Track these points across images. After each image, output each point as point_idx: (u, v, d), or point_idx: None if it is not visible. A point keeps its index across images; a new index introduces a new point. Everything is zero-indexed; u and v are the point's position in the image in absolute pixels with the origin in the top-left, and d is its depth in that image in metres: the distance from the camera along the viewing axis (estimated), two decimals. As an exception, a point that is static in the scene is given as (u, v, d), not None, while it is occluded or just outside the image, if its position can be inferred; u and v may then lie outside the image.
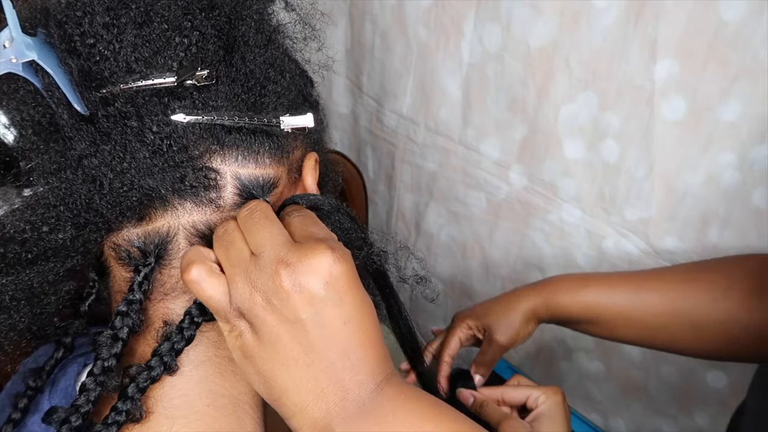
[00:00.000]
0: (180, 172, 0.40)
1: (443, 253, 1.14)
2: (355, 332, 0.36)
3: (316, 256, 0.35)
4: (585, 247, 0.93)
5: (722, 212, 0.78)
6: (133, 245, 0.41)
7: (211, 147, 0.40)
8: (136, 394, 0.39)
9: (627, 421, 1.01)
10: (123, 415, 0.39)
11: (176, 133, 0.39)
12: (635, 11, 0.75)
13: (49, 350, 0.46)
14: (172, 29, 0.39)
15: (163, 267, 0.41)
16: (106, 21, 0.38)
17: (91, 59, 0.38)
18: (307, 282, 0.35)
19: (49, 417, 0.39)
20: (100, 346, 0.40)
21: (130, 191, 0.39)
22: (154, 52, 0.39)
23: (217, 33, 0.41)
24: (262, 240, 0.37)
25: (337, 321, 0.36)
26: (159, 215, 0.41)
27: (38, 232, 0.39)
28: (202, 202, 0.41)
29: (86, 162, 0.39)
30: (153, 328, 0.42)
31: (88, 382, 0.39)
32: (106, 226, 0.41)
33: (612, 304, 0.68)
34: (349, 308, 0.36)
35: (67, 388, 0.44)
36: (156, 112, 0.39)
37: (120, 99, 0.38)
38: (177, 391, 0.41)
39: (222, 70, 0.40)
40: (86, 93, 0.38)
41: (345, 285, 0.36)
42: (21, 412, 0.43)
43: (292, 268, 0.35)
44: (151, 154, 0.39)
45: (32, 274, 0.40)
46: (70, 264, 0.42)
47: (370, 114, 1.15)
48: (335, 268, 0.35)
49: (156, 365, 0.40)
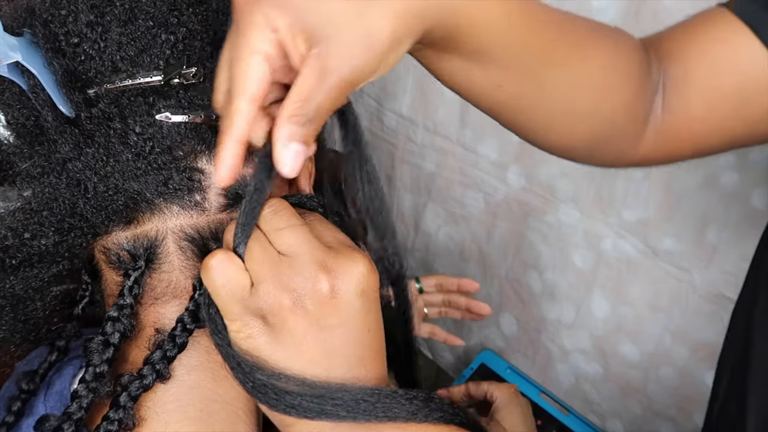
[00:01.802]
0: (164, 175, 0.39)
1: (441, 252, 1.14)
2: (375, 340, 0.37)
3: (355, 263, 0.35)
4: (583, 247, 0.93)
5: (721, 213, 0.78)
6: (123, 248, 0.40)
7: (197, 147, 0.40)
8: (128, 403, 0.38)
9: (625, 423, 1.01)
10: (115, 424, 0.38)
11: (160, 134, 0.38)
12: (634, 11, 0.75)
13: (43, 353, 0.46)
14: (158, 26, 0.38)
15: (153, 271, 0.41)
16: (90, 19, 0.38)
17: (76, 59, 0.38)
18: (344, 288, 0.35)
19: (41, 425, 0.39)
20: (91, 352, 0.39)
21: (115, 195, 0.38)
22: (139, 50, 0.38)
23: (205, 29, 0.40)
24: (297, 242, 0.36)
25: (363, 329, 0.36)
26: (147, 218, 0.40)
27: (20, 238, 0.38)
28: (188, 204, 0.40)
29: (70, 165, 0.38)
30: (145, 332, 0.42)
31: (80, 389, 0.39)
32: (92, 231, 0.40)
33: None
34: (373, 317, 0.37)
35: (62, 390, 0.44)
36: (140, 112, 0.38)
37: (104, 100, 0.38)
38: (169, 397, 0.40)
39: (209, 68, 0.39)
40: (72, 94, 0.38)
41: (374, 294, 0.36)
42: (15, 415, 0.43)
43: (333, 274, 0.35)
44: (134, 157, 0.38)
45: (15, 281, 0.40)
46: (56, 269, 0.41)
47: (371, 114, 1.15)
48: (371, 278, 0.35)
49: (148, 373, 0.39)
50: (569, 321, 0.99)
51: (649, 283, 0.87)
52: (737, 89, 0.47)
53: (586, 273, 0.94)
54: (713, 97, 0.48)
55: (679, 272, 0.84)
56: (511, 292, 1.06)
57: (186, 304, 0.41)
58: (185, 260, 0.41)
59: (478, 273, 1.09)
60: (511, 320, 1.08)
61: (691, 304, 0.84)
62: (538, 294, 1.02)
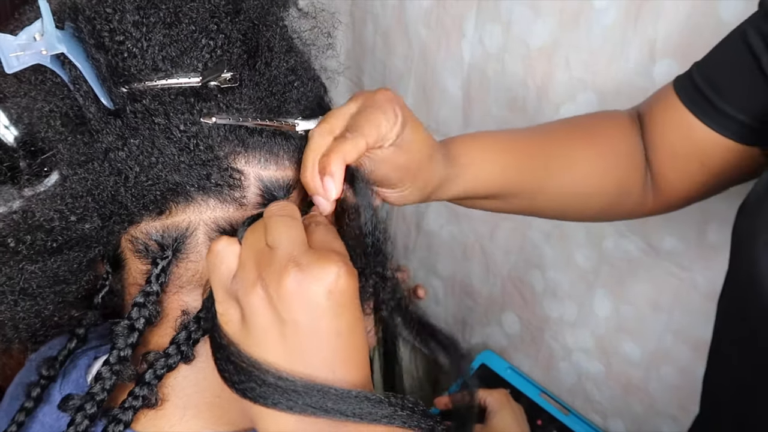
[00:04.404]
0: (206, 170, 0.41)
1: (444, 252, 1.15)
2: (344, 348, 0.36)
3: (328, 264, 0.35)
4: (585, 247, 0.93)
5: (722, 212, 0.78)
6: (151, 238, 0.42)
7: (236, 149, 0.42)
8: (153, 381, 0.40)
9: (627, 422, 1.01)
10: (140, 400, 0.40)
11: (202, 133, 0.40)
12: (634, 11, 0.75)
13: (61, 341, 0.47)
14: (199, 31, 0.41)
15: (180, 260, 0.43)
16: (136, 19, 0.39)
17: (119, 55, 0.39)
18: (310, 286, 0.35)
19: (64, 404, 0.40)
20: (116, 336, 0.41)
21: (155, 185, 0.40)
22: (181, 52, 0.40)
23: (242, 37, 0.42)
24: (281, 236, 0.37)
25: (330, 331, 0.36)
26: (180, 210, 0.42)
27: (66, 221, 0.40)
28: (227, 200, 0.42)
29: (113, 155, 0.40)
30: (168, 319, 0.43)
31: (104, 371, 0.40)
32: (129, 218, 0.42)
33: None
34: (344, 323, 0.36)
35: (78, 379, 0.46)
36: (182, 111, 0.40)
37: (147, 96, 0.39)
38: (189, 382, 0.43)
39: (246, 74, 0.42)
40: (112, 88, 0.39)
41: (346, 300, 0.36)
42: (34, 401, 0.44)
43: (300, 269, 0.35)
44: (178, 151, 0.40)
45: (58, 262, 0.41)
46: (93, 254, 0.43)
47: (371, 114, 1.16)
48: (341, 281, 0.35)
49: (173, 353, 0.41)
50: (571, 320, 1.00)
51: (650, 282, 0.88)
52: (693, 154, 0.57)
53: (588, 272, 0.94)
54: (679, 163, 0.58)
55: (681, 271, 0.84)
56: (513, 290, 1.06)
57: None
58: None
59: (481, 272, 1.10)
60: (513, 319, 1.09)
61: (693, 303, 0.84)
62: (541, 293, 1.02)
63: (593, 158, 0.60)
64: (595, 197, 0.61)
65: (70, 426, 0.39)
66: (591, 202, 0.62)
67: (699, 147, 0.56)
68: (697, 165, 0.57)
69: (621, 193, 0.61)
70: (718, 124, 0.54)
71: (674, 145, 0.58)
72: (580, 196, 0.61)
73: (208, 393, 0.43)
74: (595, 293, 0.95)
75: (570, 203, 0.62)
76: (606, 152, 0.60)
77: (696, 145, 0.56)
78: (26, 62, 0.38)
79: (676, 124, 0.57)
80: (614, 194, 0.61)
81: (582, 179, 0.60)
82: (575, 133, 0.61)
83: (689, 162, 0.57)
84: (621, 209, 0.64)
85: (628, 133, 0.61)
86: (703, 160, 0.56)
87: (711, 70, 0.55)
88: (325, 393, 0.35)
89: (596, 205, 0.62)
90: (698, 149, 0.56)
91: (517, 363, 1.11)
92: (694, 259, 0.82)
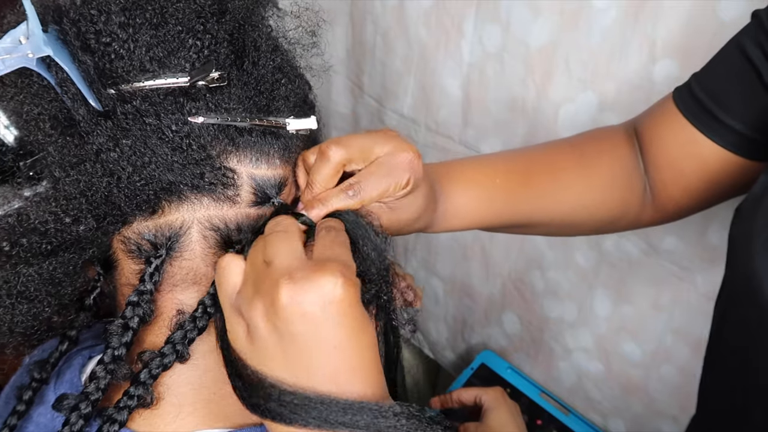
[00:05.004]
0: (200, 169, 0.41)
1: (444, 252, 1.15)
2: (347, 358, 0.36)
3: (323, 275, 0.35)
4: (585, 247, 0.93)
5: (722, 211, 0.78)
6: (144, 238, 0.42)
7: (227, 148, 0.42)
8: (148, 380, 0.40)
9: (627, 421, 1.01)
10: (135, 399, 0.40)
11: (194, 133, 0.41)
12: (634, 11, 0.75)
13: (54, 343, 0.47)
14: (186, 31, 0.41)
15: (174, 259, 0.43)
16: (122, 20, 0.40)
17: (106, 57, 0.40)
18: (305, 298, 0.35)
19: (59, 404, 0.40)
20: (110, 335, 0.41)
21: (148, 185, 0.40)
22: (168, 53, 0.40)
23: (229, 37, 0.42)
24: (276, 251, 0.37)
25: (328, 343, 0.35)
26: (173, 209, 0.42)
27: (61, 223, 0.40)
28: (220, 198, 0.42)
29: (104, 156, 0.40)
30: (162, 318, 0.44)
31: (98, 370, 0.41)
32: (122, 219, 0.42)
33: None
34: (345, 333, 0.36)
35: (72, 379, 0.46)
36: (172, 111, 0.40)
37: (137, 97, 0.40)
38: (184, 380, 0.43)
39: (233, 73, 0.42)
40: (100, 89, 0.40)
41: (344, 309, 0.35)
42: (26, 404, 0.44)
43: (293, 282, 0.35)
44: (171, 151, 0.40)
45: (54, 264, 0.41)
46: (87, 255, 0.43)
47: (371, 114, 1.16)
48: (337, 291, 0.35)
49: (169, 353, 0.41)
50: (571, 320, 1.00)
51: (650, 282, 0.88)
52: (695, 168, 0.57)
53: (589, 272, 0.94)
54: (680, 177, 0.58)
55: (681, 271, 0.84)
56: (513, 291, 1.06)
57: (206, 289, 0.43)
58: (207, 248, 0.43)
59: (481, 272, 1.10)
60: (513, 319, 1.09)
61: (693, 303, 0.84)
62: (541, 293, 1.02)
63: (586, 192, 0.61)
64: (589, 224, 0.63)
65: (65, 426, 0.40)
66: (584, 228, 0.65)
67: (701, 160, 0.56)
68: (698, 178, 0.57)
69: (616, 216, 0.62)
70: (720, 137, 0.54)
71: (676, 159, 0.58)
72: (572, 226, 0.64)
73: (204, 390, 0.43)
74: (595, 293, 0.95)
75: (563, 231, 0.65)
76: (600, 183, 0.61)
77: (698, 158, 0.56)
78: (12, 65, 0.37)
79: (677, 138, 0.57)
80: (608, 219, 0.63)
81: (574, 211, 0.62)
82: (568, 163, 0.62)
83: (691, 175, 0.57)
84: (617, 227, 0.66)
85: (625, 153, 0.61)
86: (704, 173, 0.56)
87: (711, 83, 0.55)
88: (327, 405, 0.35)
89: (590, 229, 0.65)
90: (700, 162, 0.56)
91: (517, 363, 1.11)
92: (694, 259, 0.82)
